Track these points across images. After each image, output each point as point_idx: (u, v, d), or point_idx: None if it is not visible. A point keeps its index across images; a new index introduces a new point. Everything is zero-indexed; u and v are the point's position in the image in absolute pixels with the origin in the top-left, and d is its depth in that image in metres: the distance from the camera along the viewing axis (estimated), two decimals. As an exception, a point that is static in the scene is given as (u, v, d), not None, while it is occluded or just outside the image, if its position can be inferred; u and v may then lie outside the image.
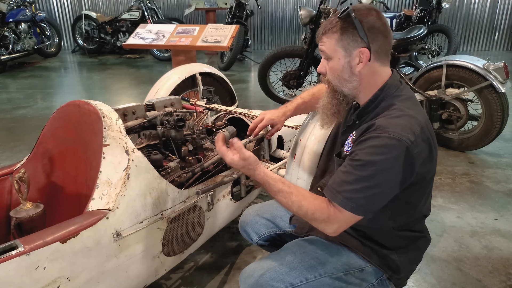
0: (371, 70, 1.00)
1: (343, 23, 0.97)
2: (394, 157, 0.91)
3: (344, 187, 0.94)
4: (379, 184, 0.92)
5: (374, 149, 0.92)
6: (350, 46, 0.98)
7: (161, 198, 1.28)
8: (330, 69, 1.03)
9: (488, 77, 2.66)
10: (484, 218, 2.14)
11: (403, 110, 0.97)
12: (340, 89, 1.04)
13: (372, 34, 0.97)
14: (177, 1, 8.29)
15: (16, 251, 0.91)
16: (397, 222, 1.06)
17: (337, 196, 0.95)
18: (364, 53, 0.97)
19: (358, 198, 0.93)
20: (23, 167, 1.37)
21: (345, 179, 0.95)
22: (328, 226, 0.97)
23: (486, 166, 2.79)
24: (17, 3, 6.35)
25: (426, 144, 0.96)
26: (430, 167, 1.01)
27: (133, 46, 3.35)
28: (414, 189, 1.00)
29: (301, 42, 4.00)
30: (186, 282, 1.66)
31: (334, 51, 0.99)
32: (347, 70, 1.00)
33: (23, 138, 3.30)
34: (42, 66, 6.61)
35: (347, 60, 0.99)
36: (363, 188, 0.92)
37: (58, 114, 1.37)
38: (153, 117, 1.59)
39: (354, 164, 0.94)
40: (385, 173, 0.92)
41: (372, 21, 0.97)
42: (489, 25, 7.86)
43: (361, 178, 0.92)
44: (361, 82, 1.01)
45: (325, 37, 1.00)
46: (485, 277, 1.70)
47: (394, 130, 0.92)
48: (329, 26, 0.99)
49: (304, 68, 3.86)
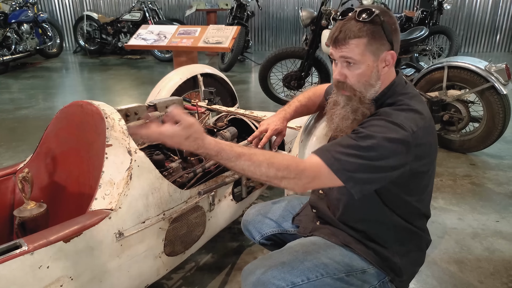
0: (388, 72, 1.00)
1: (372, 27, 0.94)
2: (394, 138, 0.91)
3: (336, 148, 0.92)
4: (372, 157, 0.90)
5: (376, 127, 0.93)
6: (379, 50, 0.96)
7: (163, 198, 1.28)
8: (357, 75, 0.98)
9: (490, 79, 2.66)
10: (485, 220, 2.14)
11: (409, 105, 0.97)
12: (364, 94, 1.00)
13: (395, 36, 0.97)
14: (178, 2, 8.30)
15: (20, 250, 0.91)
16: (398, 216, 1.06)
17: (324, 153, 0.92)
18: (391, 56, 0.97)
19: (346, 162, 0.90)
20: (26, 166, 1.38)
21: (339, 142, 0.94)
22: (300, 180, 0.91)
23: (488, 168, 2.79)
24: (19, 4, 6.37)
25: (427, 139, 0.96)
26: (428, 162, 1.01)
27: (135, 47, 3.36)
28: (407, 183, 1.00)
29: (302, 43, 4.00)
30: (187, 282, 1.66)
31: (363, 56, 0.96)
32: (375, 74, 0.98)
33: (25, 138, 3.31)
34: (44, 66, 6.63)
35: (376, 64, 0.97)
36: (355, 155, 0.91)
37: (61, 114, 1.38)
38: (155, 117, 1.60)
39: (354, 135, 0.94)
40: (380, 150, 0.90)
41: (394, 23, 0.96)
42: (490, 26, 7.86)
43: (356, 146, 0.91)
44: (381, 85, 1.01)
45: (351, 42, 0.95)
46: (487, 279, 1.70)
47: (397, 117, 0.93)
48: (354, 30, 0.94)
49: (305, 69, 3.86)
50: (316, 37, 3.69)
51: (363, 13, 0.95)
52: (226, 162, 0.91)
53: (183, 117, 0.86)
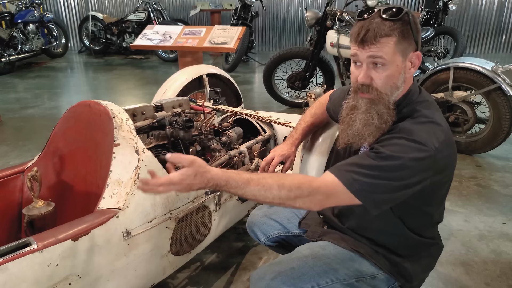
0: (411, 74, 0.98)
1: (402, 25, 0.90)
2: (416, 158, 0.88)
3: (354, 168, 0.89)
4: (393, 178, 0.88)
5: (398, 147, 0.90)
6: (407, 50, 0.92)
7: (170, 197, 1.29)
8: (385, 77, 0.93)
9: (497, 80, 2.64)
10: (492, 222, 2.13)
11: (427, 117, 0.94)
12: (389, 97, 0.95)
13: (419, 37, 0.95)
14: (182, 2, 8.33)
15: (29, 248, 0.92)
16: (408, 229, 1.04)
17: (343, 173, 0.89)
18: (417, 56, 0.94)
19: (366, 183, 0.88)
20: (34, 165, 1.39)
21: (358, 162, 0.91)
22: (315, 197, 0.88)
23: (494, 169, 2.77)
24: (25, 4, 6.42)
25: (448, 151, 0.94)
26: (449, 173, 1.00)
27: (141, 47, 3.37)
28: (427, 195, 0.99)
29: (306, 44, 4.00)
30: (192, 281, 1.67)
31: (393, 56, 0.91)
32: (402, 76, 0.94)
33: (31, 137, 3.33)
34: (49, 66, 6.67)
35: (404, 65, 0.93)
36: (375, 176, 0.88)
37: (69, 113, 1.39)
38: (162, 117, 1.60)
39: (373, 154, 0.90)
40: (402, 170, 0.88)
41: (418, 22, 0.94)
42: (496, 27, 7.81)
43: (377, 167, 0.88)
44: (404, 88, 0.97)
45: (382, 40, 0.90)
46: (493, 281, 1.69)
47: (419, 134, 0.90)
48: (385, 29, 0.89)
49: (309, 69, 3.86)
50: (321, 37, 3.69)
51: (390, 10, 0.90)
52: (237, 190, 0.90)
53: (182, 158, 0.86)
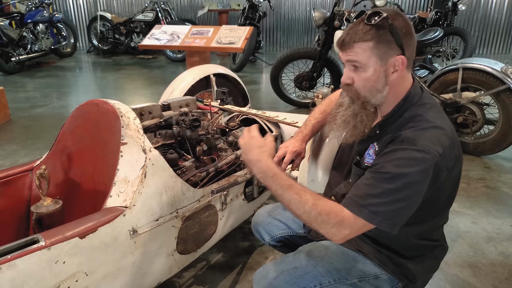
0: (400, 77, 0.96)
1: (379, 30, 0.91)
2: (423, 169, 0.88)
3: (369, 201, 0.90)
4: (407, 197, 0.89)
5: (403, 161, 0.89)
6: (386, 54, 0.92)
7: (177, 196, 1.29)
8: (363, 79, 0.95)
9: (506, 81, 2.61)
10: (500, 224, 2.10)
11: (429, 121, 0.93)
12: (368, 99, 0.98)
13: (406, 41, 0.93)
14: (190, 2, 8.36)
15: (37, 245, 0.93)
16: (413, 232, 1.04)
17: (362, 211, 0.90)
18: (401, 61, 0.93)
19: (386, 211, 0.89)
20: (43, 163, 1.41)
21: (370, 192, 0.90)
22: (340, 231, 0.90)
23: (503, 171, 2.73)
24: (35, 4, 6.50)
25: (453, 155, 0.94)
26: (455, 177, 0.99)
27: (149, 47, 3.40)
28: (433, 199, 0.98)
29: (313, 44, 3.99)
30: (198, 280, 1.67)
31: (368, 60, 0.93)
32: (382, 80, 0.95)
33: (40, 136, 3.37)
34: (58, 66, 6.75)
35: (383, 69, 0.94)
36: (391, 201, 0.88)
37: (77, 112, 1.40)
38: (169, 117, 1.61)
39: (381, 177, 0.90)
40: (413, 186, 0.88)
41: (405, 26, 0.93)
42: (506, 27, 7.71)
43: (389, 191, 0.89)
44: (389, 91, 0.97)
45: (356, 45, 0.92)
46: (501, 283, 1.67)
47: (422, 142, 0.89)
48: (361, 34, 0.92)
49: (317, 70, 3.85)
50: (329, 37, 3.68)
51: (372, 16, 0.92)
52: (277, 188, 0.95)
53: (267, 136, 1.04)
